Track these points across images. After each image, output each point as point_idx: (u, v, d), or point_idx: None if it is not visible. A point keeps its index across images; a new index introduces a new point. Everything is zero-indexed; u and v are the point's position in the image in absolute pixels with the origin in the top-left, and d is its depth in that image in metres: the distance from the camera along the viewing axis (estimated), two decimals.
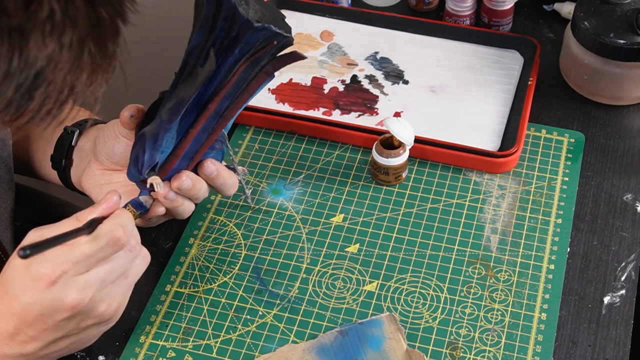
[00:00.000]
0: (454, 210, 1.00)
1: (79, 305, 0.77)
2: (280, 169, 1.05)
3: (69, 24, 0.53)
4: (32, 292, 0.76)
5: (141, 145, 0.84)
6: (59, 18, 0.53)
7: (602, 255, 0.96)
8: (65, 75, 0.55)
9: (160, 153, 0.85)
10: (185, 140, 0.86)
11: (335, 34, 1.19)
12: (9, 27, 0.52)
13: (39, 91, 0.55)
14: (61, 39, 0.54)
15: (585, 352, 0.88)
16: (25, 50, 0.53)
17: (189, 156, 0.88)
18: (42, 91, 0.55)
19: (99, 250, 0.77)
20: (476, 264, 0.95)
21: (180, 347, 0.89)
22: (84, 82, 0.57)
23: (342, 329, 0.89)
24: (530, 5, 1.25)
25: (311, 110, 1.09)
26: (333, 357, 0.86)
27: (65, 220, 0.80)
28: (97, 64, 0.57)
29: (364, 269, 0.95)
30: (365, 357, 0.86)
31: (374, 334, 0.88)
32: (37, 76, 0.54)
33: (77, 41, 0.54)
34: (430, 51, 1.16)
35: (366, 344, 0.87)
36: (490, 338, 0.89)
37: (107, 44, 0.57)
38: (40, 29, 0.52)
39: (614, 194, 1.02)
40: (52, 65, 0.54)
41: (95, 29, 0.55)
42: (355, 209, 1.00)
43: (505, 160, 1.02)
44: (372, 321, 0.89)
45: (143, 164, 0.85)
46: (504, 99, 1.09)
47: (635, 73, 1.08)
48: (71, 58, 0.55)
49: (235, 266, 0.95)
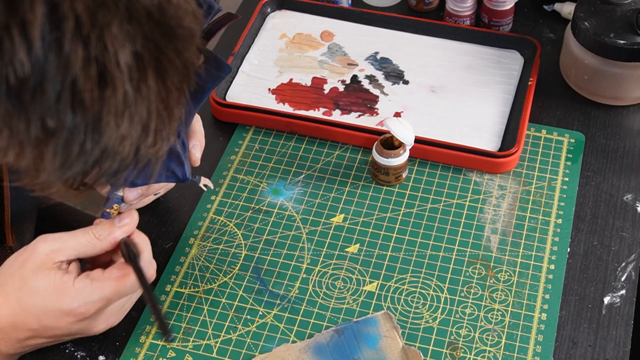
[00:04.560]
0: (454, 211, 1.00)
1: (102, 331, 0.81)
2: (281, 169, 1.05)
3: (141, 102, 0.53)
4: (57, 321, 0.78)
5: (171, 159, 0.84)
6: (131, 99, 0.52)
7: (602, 256, 0.96)
8: (132, 144, 0.55)
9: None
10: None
11: (336, 34, 1.19)
12: (85, 115, 0.51)
13: (106, 162, 0.55)
14: (133, 116, 0.53)
15: (585, 352, 0.88)
16: (97, 132, 0.53)
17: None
18: (109, 161, 0.55)
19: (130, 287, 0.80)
20: (476, 264, 0.95)
21: (180, 347, 0.89)
22: (148, 144, 0.56)
23: (338, 328, 0.89)
24: (531, 6, 1.25)
25: (311, 110, 1.09)
26: (329, 356, 0.86)
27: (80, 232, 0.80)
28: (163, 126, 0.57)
29: (364, 269, 0.95)
30: (362, 356, 0.86)
31: (370, 332, 0.88)
32: (105, 150, 0.54)
33: (146, 115, 0.54)
34: (431, 51, 1.16)
35: (362, 342, 0.87)
36: (491, 338, 0.89)
37: (174, 109, 0.57)
38: (113, 111, 0.52)
39: (614, 194, 1.02)
40: (120, 139, 0.54)
41: (164, 100, 0.55)
42: (355, 209, 1.00)
43: (506, 161, 1.02)
44: (367, 320, 0.90)
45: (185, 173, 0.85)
46: (504, 99, 1.09)
47: (635, 73, 1.08)
48: (139, 129, 0.55)
49: (236, 266, 0.95)
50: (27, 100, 0.50)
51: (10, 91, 0.49)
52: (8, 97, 0.49)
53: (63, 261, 0.79)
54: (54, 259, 0.78)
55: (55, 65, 0.49)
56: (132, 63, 0.51)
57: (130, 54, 0.51)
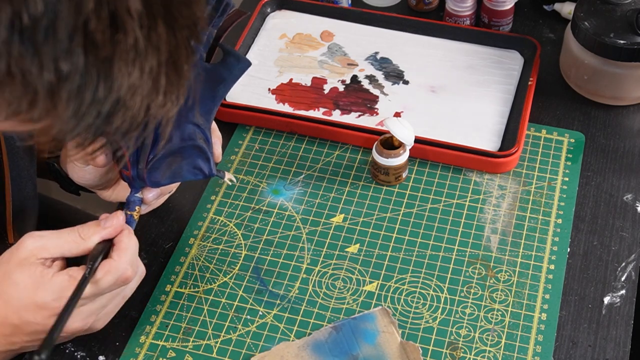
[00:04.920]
0: (454, 211, 1.00)
1: (80, 330, 0.81)
2: (280, 169, 1.05)
3: (151, 50, 0.54)
4: (34, 315, 0.78)
5: (198, 155, 0.84)
6: (142, 46, 0.53)
7: (602, 255, 0.96)
8: (143, 99, 0.56)
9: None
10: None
11: (336, 34, 1.19)
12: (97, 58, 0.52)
13: (117, 115, 0.55)
14: (143, 66, 0.54)
15: (585, 352, 0.88)
16: (109, 78, 0.53)
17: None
18: (120, 115, 0.55)
19: (107, 288, 0.79)
20: (476, 264, 0.95)
21: (180, 347, 0.89)
22: (159, 103, 0.57)
23: (336, 325, 0.89)
24: (531, 6, 1.25)
25: (311, 110, 1.09)
26: (328, 352, 0.87)
27: (66, 230, 0.81)
28: (172, 85, 0.57)
29: (364, 269, 0.95)
30: (361, 352, 0.86)
31: (368, 328, 0.88)
32: (117, 102, 0.54)
33: (157, 66, 0.55)
34: (431, 51, 1.16)
35: (360, 338, 0.88)
36: (491, 338, 0.89)
37: (183, 66, 0.57)
38: (124, 57, 0.53)
39: (614, 194, 1.02)
40: (131, 91, 0.54)
41: (173, 53, 0.55)
42: (355, 209, 1.00)
43: (505, 161, 1.02)
44: (365, 316, 0.90)
45: (211, 169, 0.86)
46: (504, 99, 1.09)
47: (635, 73, 1.08)
48: (150, 83, 0.55)
49: (236, 266, 0.95)
50: (40, 41, 0.50)
51: (24, 32, 0.49)
52: (21, 39, 0.50)
53: (47, 258, 0.79)
54: (38, 255, 0.78)
55: (67, 5, 0.50)
56: (142, 10, 0.52)
57: (140, 0, 0.52)
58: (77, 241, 0.80)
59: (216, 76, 0.84)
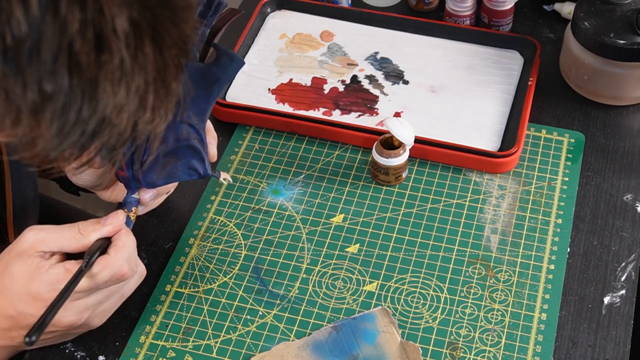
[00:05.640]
0: (454, 211, 1.00)
1: (74, 324, 0.80)
2: (280, 169, 1.05)
3: (138, 70, 0.53)
4: (29, 306, 0.78)
5: (193, 155, 0.84)
6: (128, 66, 0.52)
7: (602, 255, 0.96)
8: (129, 117, 0.55)
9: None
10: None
11: (335, 34, 1.19)
12: (82, 79, 0.51)
13: (103, 133, 0.55)
14: (130, 85, 0.53)
15: (585, 352, 0.88)
16: (94, 99, 0.53)
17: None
18: (106, 133, 0.55)
19: (103, 283, 0.79)
20: (476, 264, 0.95)
21: (180, 347, 0.89)
22: (146, 120, 0.56)
23: (335, 325, 0.89)
24: (531, 6, 1.25)
25: (311, 110, 1.09)
26: (328, 352, 0.87)
27: (67, 226, 0.81)
28: (161, 101, 0.57)
29: (364, 269, 0.95)
30: (361, 352, 0.86)
31: (368, 328, 0.88)
32: (102, 121, 0.54)
33: (144, 85, 0.54)
34: (431, 51, 1.16)
35: (360, 338, 0.88)
36: (490, 338, 0.89)
37: (171, 84, 0.57)
38: (110, 77, 0.52)
39: (614, 194, 1.02)
40: (117, 110, 0.54)
41: (161, 71, 0.55)
42: (355, 209, 1.00)
43: (505, 161, 1.02)
44: (365, 316, 0.90)
45: (206, 169, 0.86)
46: (504, 99, 1.09)
47: (635, 73, 1.08)
48: (137, 101, 0.55)
49: (235, 266, 0.95)
50: (24, 62, 0.50)
51: (7, 53, 0.49)
52: (4, 59, 0.49)
53: (46, 252, 0.79)
54: (37, 248, 0.79)
55: (51, 27, 0.49)
56: (128, 30, 0.52)
57: (127, 20, 0.51)
58: (77, 237, 0.80)
59: (210, 76, 0.83)
